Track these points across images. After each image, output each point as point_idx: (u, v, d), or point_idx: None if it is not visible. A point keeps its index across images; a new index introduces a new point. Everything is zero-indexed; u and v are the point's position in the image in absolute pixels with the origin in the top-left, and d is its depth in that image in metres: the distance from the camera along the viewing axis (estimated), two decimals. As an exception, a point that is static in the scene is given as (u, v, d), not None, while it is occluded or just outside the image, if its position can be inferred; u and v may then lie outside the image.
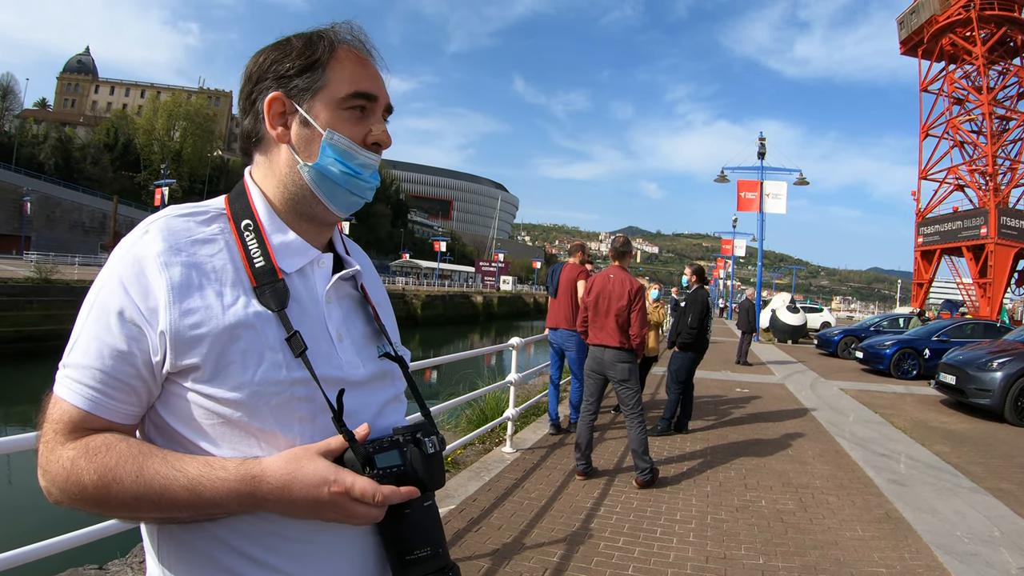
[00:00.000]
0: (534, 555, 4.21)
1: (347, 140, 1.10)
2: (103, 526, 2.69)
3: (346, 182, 1.12)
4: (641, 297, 5.89)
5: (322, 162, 1.10)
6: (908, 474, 6.64)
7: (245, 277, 1.07)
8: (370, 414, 1.14)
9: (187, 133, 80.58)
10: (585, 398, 6.27)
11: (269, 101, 1.11)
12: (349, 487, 0.97)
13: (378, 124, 1.15)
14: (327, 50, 1.12)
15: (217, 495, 0.96)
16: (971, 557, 4.48)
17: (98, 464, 0.96)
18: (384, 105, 1.16)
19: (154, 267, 1.00)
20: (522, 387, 9.23)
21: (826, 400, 11.65)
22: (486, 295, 65.63)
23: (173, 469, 0.96)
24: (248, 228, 1.11)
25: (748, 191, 29.52)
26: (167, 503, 0.96)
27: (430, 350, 32.85)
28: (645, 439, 5.83)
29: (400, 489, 1.01)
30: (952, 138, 45.83)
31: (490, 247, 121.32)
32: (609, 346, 5.93)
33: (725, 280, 56.77)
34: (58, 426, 1.00)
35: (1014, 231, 40.40)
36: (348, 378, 1.11)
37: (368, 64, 1.15)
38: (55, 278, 23.36)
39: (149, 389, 1.02)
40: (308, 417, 1.05)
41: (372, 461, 1.02)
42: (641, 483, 5.77)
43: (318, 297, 1.14)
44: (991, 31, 42.82)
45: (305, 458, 0.98)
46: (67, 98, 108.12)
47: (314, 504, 0.97)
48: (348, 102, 1.11)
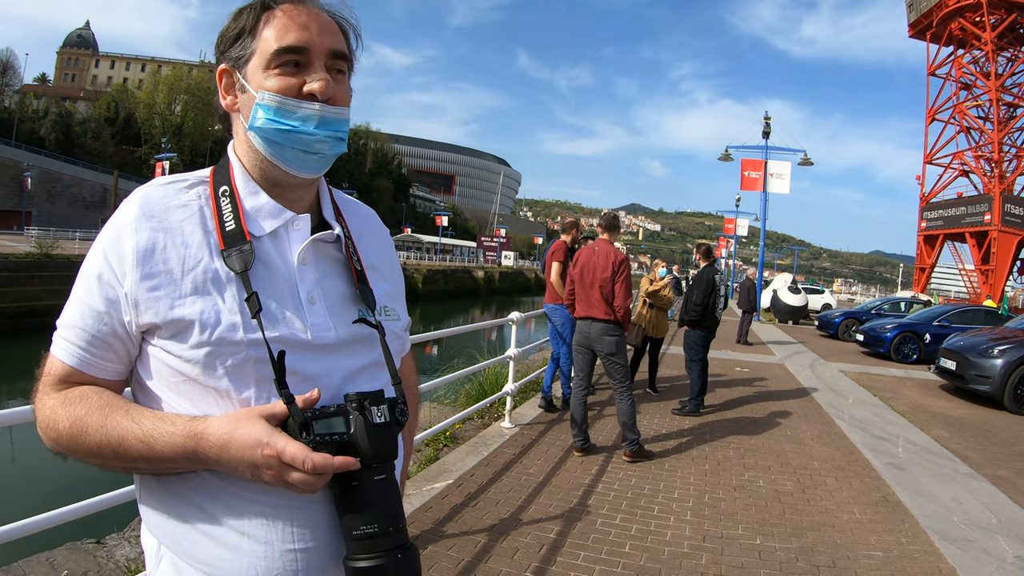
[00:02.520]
0: (531, 531, 4.23)
1: (278, 96, 1.09)
2: (100, 499, 2.68)
3: (287, 139, 1.10)
4: (625, 268, 5.90)
5: (254, 123, 1.10)
6: (906, 458, 6.66)
7: (215, 240, 1.10)
8: (337, 379, 1.13)
9: (188, 107, 79.98)
10: (576, 373, 6.33)
11: (219, 74, 1.16)
12: (280, 450, 0.96)
13: (315, 74, 1.11)
14: (253, 14, 1.13)
15: (166, 449, 1.00)
16: (968, 543, 4.49)
17: (70, 412, 1.04)
18: (324, 52, 1.12)
19: (127, 232, 1.07)
20: (522, 362, 9.25)
21: (826, 382, 11.67)
22: (487, 270, 65.86)
23: (131, 422, 1.02)
24: (224, 194, 1.14)
25: (752, 170, 29.37)
26: (124, 453, 1.02)
27: (431, 324, 32.92)
28: (633, 412, 5.89)
29: (334, 459, 0.98)
30: (958, 123, 45.62)
31: (492, 222, 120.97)
32: (595, 319, 5.97)
33: (727, 259, 56.59)
34: (49, 379, 1.09)
35: (1018, 219, 40.34)
36: (315, 341, 1.11)
37: (299, 15, 1.12)
38: (56, 253, 23.39)
39: (127, 348, 1.09)
40: (265, 378, 1.06)
41: (309, 426, 1.00)
42: (629, 454, 5.83)
43: (289, 259, 1.15)
44: (1001, 16, 42.42)
45: (245, 419, 0.99)
46: (67, 73, 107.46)
47: (249, 465, 0.98)
48: (276, 59, 1.10)
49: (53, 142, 69.54)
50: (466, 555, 3.82)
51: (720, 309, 8.29)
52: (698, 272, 8.57)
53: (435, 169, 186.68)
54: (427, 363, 17.87)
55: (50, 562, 3.38)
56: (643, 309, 9.04)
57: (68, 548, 3.56)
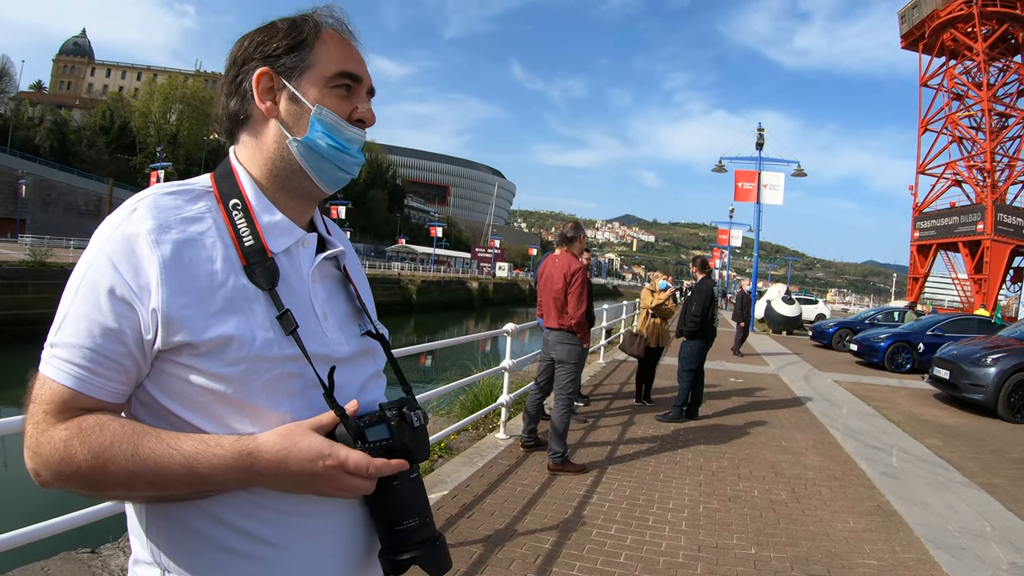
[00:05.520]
0: (526, 541, 4.22)
1: (335, 115, 1.14)
2: (95, 509, 2.68)
3: (334, 156, 1.14)
4: (578, 278, 5.97)
5: (311, 136, 1.12)
6: (900, 467, 6.67)
7: (235, 255, 1.08)
8: (354, 390, 1.17)
9: (183, 116, 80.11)
10: (536, 377, 6.50)
11: (258, 76, 1.13)
12: (343, 460, 1.00)
13: (363, 102, 1.18)
14: (313, 31, 1.15)
15: (214, 472, 0.98)
16: (962, 551, 4.51)
17: (92, 444, 0.96)
18: (368, 87, 1.20)
19: (145, 244, 1.00)
20: (516, 373, 9.24)
21: (820, 392, 11.69)
22: (482, 281, 65.80)
23: (168, 447, 0.98)
24: (236, 207, 1.12)
25: (746, 181, 29.47)
26: (163, 481, 0.97)
27: (425, 335, 32.87)
28: (566, 424, 5.87)
29: (391, 461, 1.05)
30: (951, 133, 45.95)
31: (486, 233, 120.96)
32: (551, 328, 6.07)
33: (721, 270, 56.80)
34: (47, 406, 0.99)
35: (1011, 228, 40.57)
36: (334, 355, 1.14)
37: (351, 46, 1.19)
38: (50, 261, 23.37)
39: (139, 367, 1.02)
40: (298, 393, 1.08)
41: (363, 435, 1.05)
42: (551, 466, 5.79)
43: (304, 276, 1.17)
44: (992, 27, 42.82)
45: (299, 434, 1.01)
46: (63, 80, 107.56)
47: (310, 477, 1.00)
48: (335, 80, 1.14)
49: (48, 150, 69.38)
50: (461, 566, 3.81)
51: (717, 320, 8.35)
52: (697, 284, 8.65)
53: (430, 180, 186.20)
54: (422, 374, 17.85)
55: (45, 572, 3.36)
56: (647, 320, 9.06)
57: (63, 558, 3.54)
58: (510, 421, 7.05)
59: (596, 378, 11.19)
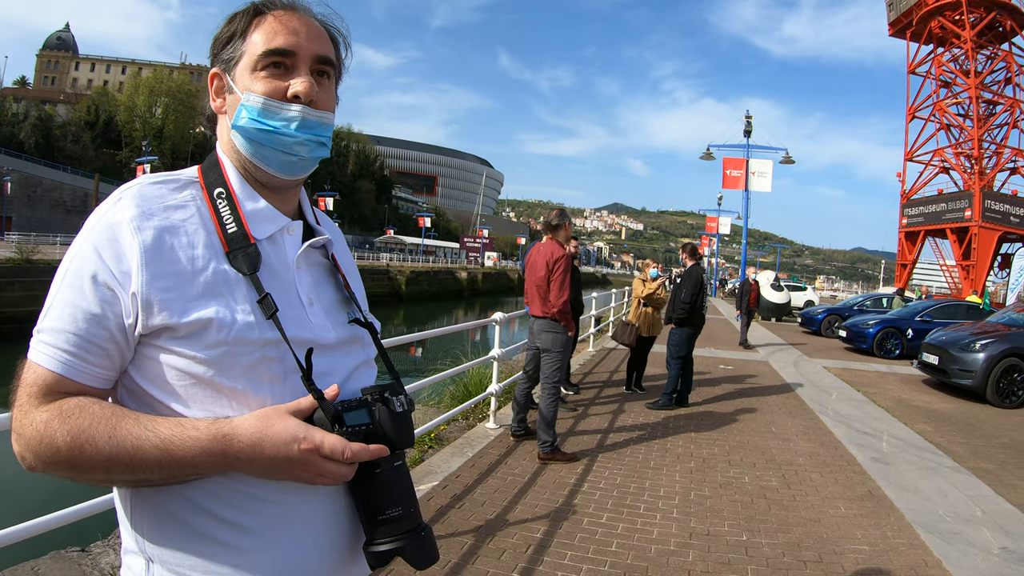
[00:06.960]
0: (517, 531, 4.23)
1: (262, 97, 1.11)
2: (84, 506, 2.67)
3: (267, 140, 1.12)
4: (560, 266, 5.95)
5: (236, 122, 1.12)
6: (891, 452, 6.71)
7: (217, 242, 1.09)
8: (340, 377, 1.17)
9: (169, 109, 79.52)
10: (524, 366, 6.56)
11: (210, 77, 1.18)
12: (319, 444, 0.99)
13: (299, 77, 1.14)
14: (244, 19, 1.15)
15: (189, 454, 0.97)
16: (953, 536, 4.54)
17: (71, 425, 0.97)
18: (310, 56, 1.15)
19: (127, 231, 1.02)
20: (506, 363, 9.24)
21: (809, 378, 11.74)
22: (471, 271, 65.77)
23: (145, 430, 0.98)
24: (220, 196, 1.13)
25: (734, 169, 29.61)
26: (139, 464, 0.98)
27: (414, 326, 32.74)
28: (554, 412, 5.87)
29: (369, 446, 1.03)
30: (938, 121, 45.95)
31: (475, 223, 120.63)
32: (536, 316, 6.08)
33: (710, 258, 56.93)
34: (32, 389, 1.01)
35: (998, 214, 40.73)
36: (319, 340, 1.14)
37: (289, 20, 1.15)
38: (36, 258, 23.15)
39: (122, 352, 1.04)
40: (279, 377, 1.08)
41: (341, 419, 1.03)
42: (541, 456, 5.80)
43: (288, 263, 1.17)
44: (980, 15, 42.84)
45: (275, 416, 1.00)
46: (47, 76, 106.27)
47: (285, 462, 0.99)
48: (262, 62, 1.12)
49: (33, 146, 68.85)
50: (453, 556, 3.81)
51: (706, 307, 8.36)
52: (686, 271, 8.66)
53: (417, 170, 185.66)
54: (411, 364, 17.85)
55: (35, 571, 3.35)
56: (639, 309, 9.06)
57: (52, 557, 3.53)
58: (500, 410, 7.05)
59: (586, 366, 11.22)
